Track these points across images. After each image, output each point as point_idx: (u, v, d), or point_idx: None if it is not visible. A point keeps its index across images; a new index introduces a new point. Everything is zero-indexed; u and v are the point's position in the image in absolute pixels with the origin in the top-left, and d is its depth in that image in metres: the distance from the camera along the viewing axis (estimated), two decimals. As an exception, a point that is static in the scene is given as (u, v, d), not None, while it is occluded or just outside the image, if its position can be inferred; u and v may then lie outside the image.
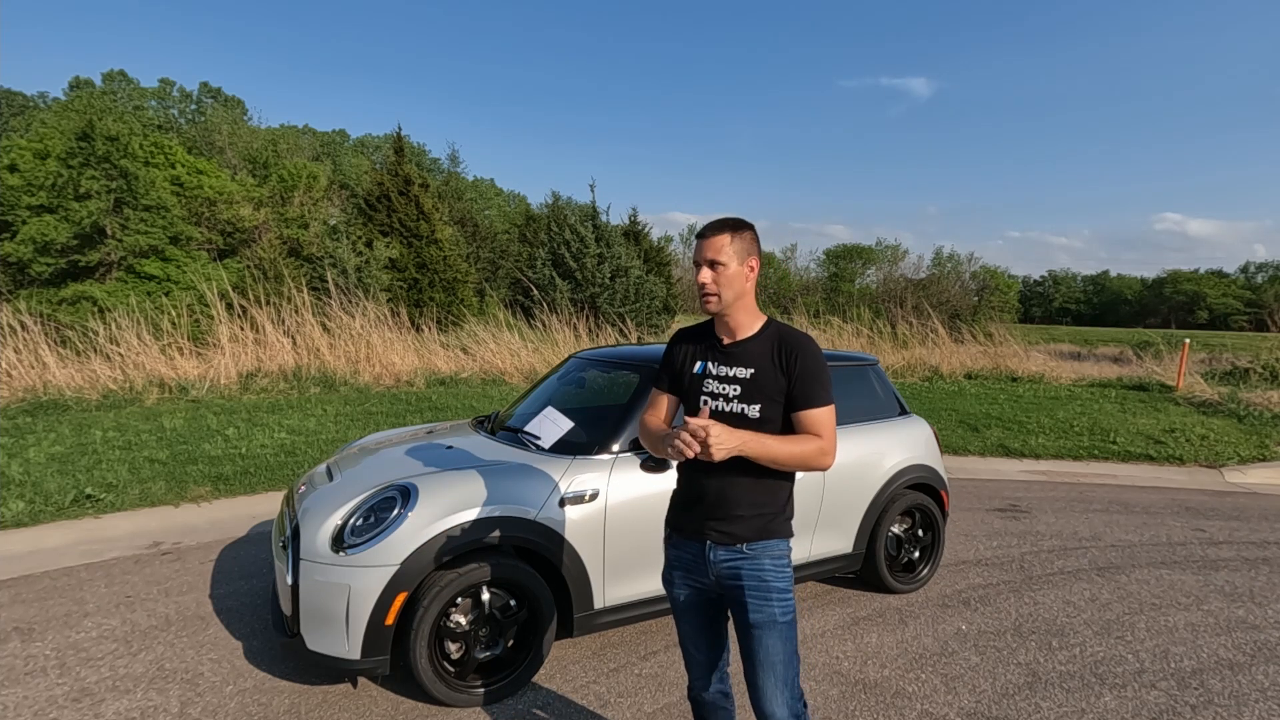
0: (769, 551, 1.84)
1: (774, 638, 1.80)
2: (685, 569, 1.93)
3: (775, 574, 1.83)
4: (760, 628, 1.80)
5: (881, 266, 50.69)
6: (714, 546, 1.85)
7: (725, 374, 1.85)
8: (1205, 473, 7.21)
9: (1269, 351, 13.55)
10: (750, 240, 1.85)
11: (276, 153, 32.68)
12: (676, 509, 1.97)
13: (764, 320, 1.91)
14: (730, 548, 1.83)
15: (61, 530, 4.51)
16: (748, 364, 1.83)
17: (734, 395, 1.82)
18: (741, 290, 1.85)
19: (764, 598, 1.80)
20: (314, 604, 2.58)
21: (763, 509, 1.84)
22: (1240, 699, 2.92)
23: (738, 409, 1.81)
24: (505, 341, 12.26)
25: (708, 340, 1.93)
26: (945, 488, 4.12)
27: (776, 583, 1.82)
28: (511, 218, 37.40)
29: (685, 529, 1.91)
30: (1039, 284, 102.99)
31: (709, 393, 1.86)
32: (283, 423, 7.35)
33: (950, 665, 3.14)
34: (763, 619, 1.79)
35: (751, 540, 1.83)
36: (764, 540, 1.84)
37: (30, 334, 8.73)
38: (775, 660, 1.80)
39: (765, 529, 1.84)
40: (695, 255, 1.87)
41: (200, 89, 44.67)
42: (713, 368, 1.88)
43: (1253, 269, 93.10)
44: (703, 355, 1.92)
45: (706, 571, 1.87)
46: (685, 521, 1.91)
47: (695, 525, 1.88)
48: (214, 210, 23.89)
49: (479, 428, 3.74)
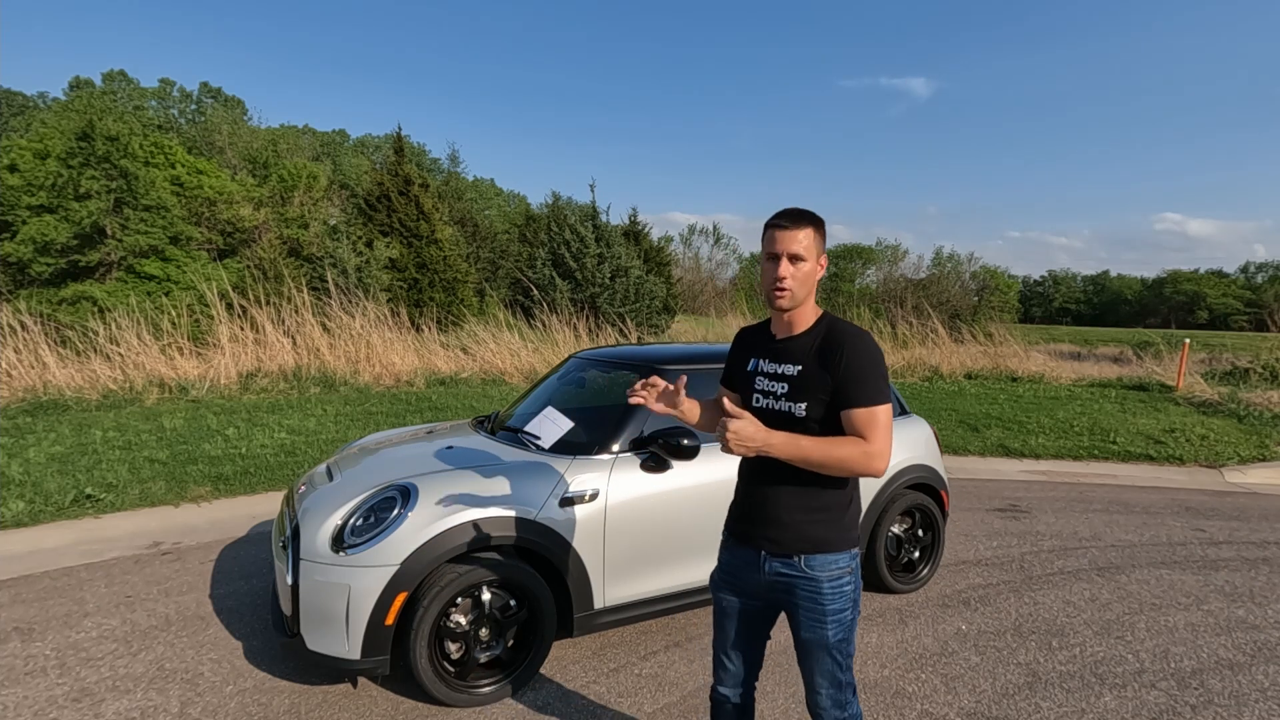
0: (826, 569, 1.74)
1: (823, 655, 1.78)
2: (735, 575, 1.88)
3: (831, 596, 1.74)
4: (809, 644, 1.79)
5: (881, 266, 50.65)
6: (769, 557, 1.79)
7: (774, 371, 1.80)
8: (1205, 473, 7.21)
9: (1269, 351, 13.55)
10: (824, 234, 1.78)
11: (276, 153, 32.69)
12: (732, 513, 1.93)
13: (818, 315, 1.82)
14: (785, 559, 1.76)
15: (61, 530, 4.51)
16: (796, 360, 1.76)
17: (782, 393, 1.76)
18: (812, 288, 1.78)
19: (817, 620, 1.75)
20: (314, 604, 2.58)
21: (814, 516, 1.75)
22: (1240, 699, 2.92)
23: (785, 407, 1.75)
24: (505, 341, 12.26)
25: (762, 336, 1.89)
26: (945, 488, 4.12)
27: (831, 605, 1.74)
28: (511, 218, 37.41)
29: (740, 535, 1.87)
30: (1039, 284, 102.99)
31: (760, 390, 1.81)
32: (283, 423, 7.35)
33: (950, 665, 3.14)
34: (814, 639, 1.77)
35: (808, 553, 1.75)
36: (821, 554, 1.75)
37: (30, 334, 8.73)
38: (826, 668, 1.80)
39: (820, 540, 1.75)
40: (770, 247, 1.73)
41: (200, 89, 44.69)
42: (763, 365, 1.83)
43: (1253, 269, 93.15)
44: (755, 351, 1.88)
45: (758, 580, 1.82)
46: (740, 527, 1.87)
47: (749, 532, 1.83)
48: (214, 210, 23.89)
49: (479, 428, 3.74)
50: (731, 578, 1.89)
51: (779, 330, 1.83)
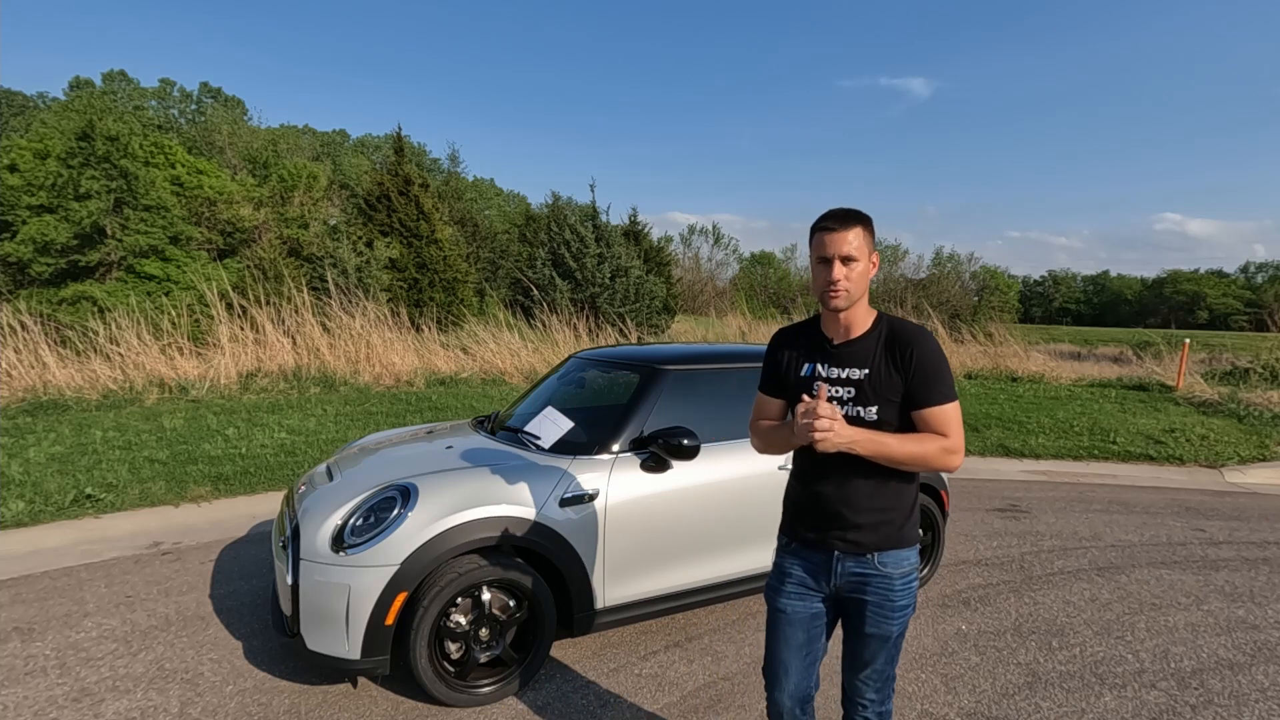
0: (899, 566, 1.78)
1: (884, 649, 1.80)
2: (801, 580, 1.84)
3: (902, 591, 1.78)
4: (874, 639, 1.79)
5: (881, 266, 50.73)
6: (842, 558, 1.78)
7: (837, 376, 1.75)
8: (1205, 473, 7.21)
9: (1269, 351, 13.53)
10: (873, 231, 1.74)
11: (276, 153, 32.69)
12: (795, 517, 1.89)
13: (875, 315, 1.80)
14: (859, 558, 1.77)
15: (61, 530, 4.51)
16: (861, 364, 1.73)
17: (848, 398, 1.73)
18: (865, 288, 1.75)
19: (886, 616, 1.77)
20: (314, 604, 2.58)
21: (887, 514, 1.76)
22: (1240, 699, 2.92)
23: (853, 412, 1.72)
24: (505, 341, 12.25)
25: (814, 340, 1.83)
26: (945, 488, 4.12)
27: (901, 600, 1.78)
28: (511, 218, 37.39)
29: (807, 538, 1.83)
30: (1039, 284, 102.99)
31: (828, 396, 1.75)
32: (283, 423, 7.35)
33: (950, 665, 3.14)
34: (878, 633, 1.78)
35: (881, 549, 1.76)
36: (893, 550, 1.77)
37: (30, 334, 8.73)
38: (878, 665, 1.82)
39: (893, 536, 1.77)
40: (821, 251, 1.70)
41: (200, 89, 44.69)
42: (822, 370, 1.78)
43: (1253, 269, 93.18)
44: (810, 357, 1.82)
45: (828, 582, 1.81)
46: (807, 530, 1.83)
47: (819, 534, 1.80)
48: (214, 210, 23.90)
49: (479, 428, 3.74)
50: (796, 583, 1.85)
51: (835, 334, 1.79)
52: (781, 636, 1.87)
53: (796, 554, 1.87)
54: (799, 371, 1.83)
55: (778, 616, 1.87)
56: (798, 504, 1.87)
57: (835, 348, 1.78)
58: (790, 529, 1.90)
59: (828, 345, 1.80)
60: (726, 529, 3.26)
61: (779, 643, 1.87)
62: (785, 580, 1.88)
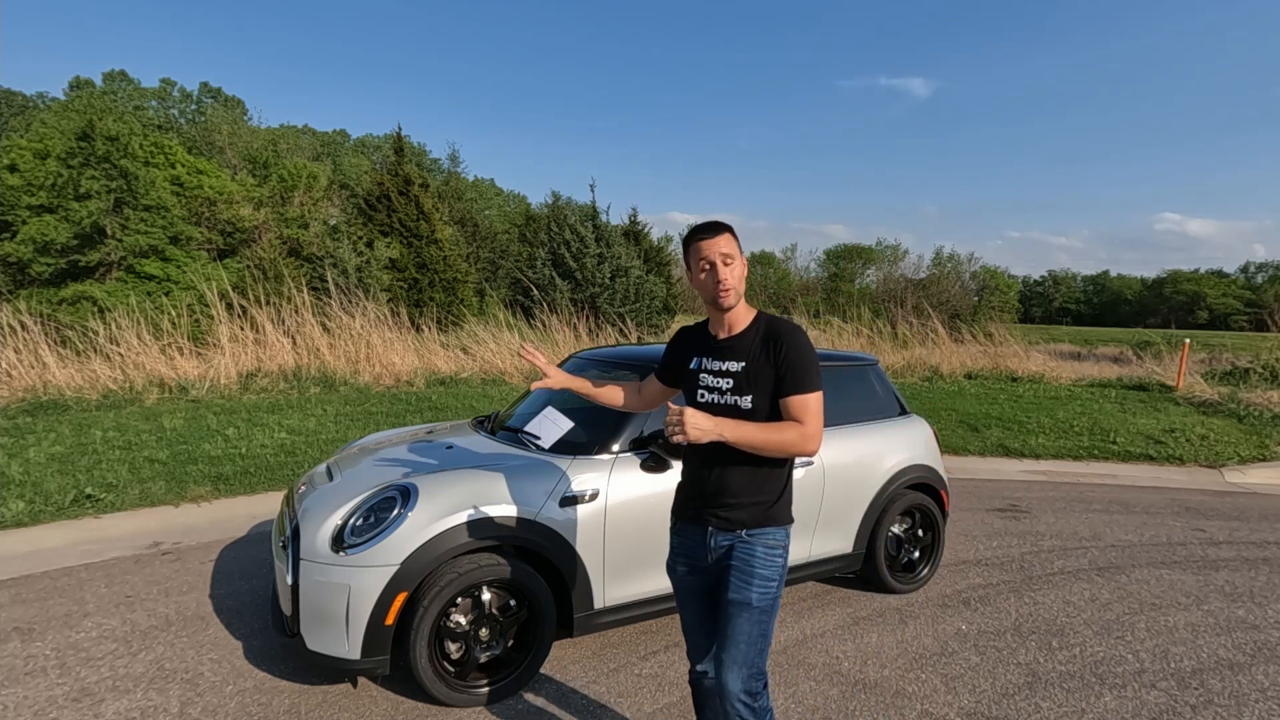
0: (764, 539, 1.93)
1: (743, 619, 1.86)
2: (688, 555, 2.03)
3: (764, 561, 1.90)
4: (733, 606, 1.86)
5: (881, 266, 50.72)
6: (715, 532, 1.95)
7: (718, 368, 1.95)
8: (1205, 473, 7.21)
9: (1269, 351, 13.54)
10: (738, 240, 1.96)
11: (276, 153, 32.67)
12: (681, 498, 2.08)
13: (754, 314, 1.99)
14: (730, 533, 1.94)
15: (61, 530, 4.51)
16: (739, 358, 1.92)
17: (727, 388, 1.92)
18: (743, 286, 1.95)
19: (745, 580, 1.88)
20: (314, 604, 2.58)
21: (758, 497, 1.93)
22: (1240, 699, 2.92)
23: (730, 401, 1.91)
24: (505, 341, 12.25)
25: (702, 337, 2.05)
26: (945, 488, 4.12)
27: (761, 569, 1.89)
28: (511, 218, 37.39)
29: (689, 516, 2.02)
30: (1039, 284, 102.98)
31: (704, 386, 1.97)
32: (283, 423, 7.35)
33: (950, 665, 3.14)
34: (738, 599, 1.86)
35: (750, 527, 1.92)
36: (762, 527, 1.93)
37: (30, 334, 8.73)
38: (739, 639, 1.85)
39: (764, 516, 1.93)
40: (701, 256, 1.91)
41: (200, 89, 44.66)
42: (707, 363, 1.99)
43: (1253, 269, 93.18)
44: (697, 351, 2.03)
45: (706, 556, 1.98)
46: (689, 509, 2.02)
47: (699, 512, 1.98)
48: (214, 210, 23.88)
49: (479, 428, 3.74)
50: (685, 557, 2.04)
51: (720, 330, 1.99)
52: (684, 605, 2.08)
53: (680, 532, 2.07)
54: (687, 365, 2.05)
55: (676, 590, 2.10)
56: (683, 486, 2.08)
57: (718, 343, 1.98)
58: (676, 509, 2.10)
59: (712, 341, 2.00)
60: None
61: (686, 611, 2.09)
62: (676, 558, 2.08)
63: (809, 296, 37.52)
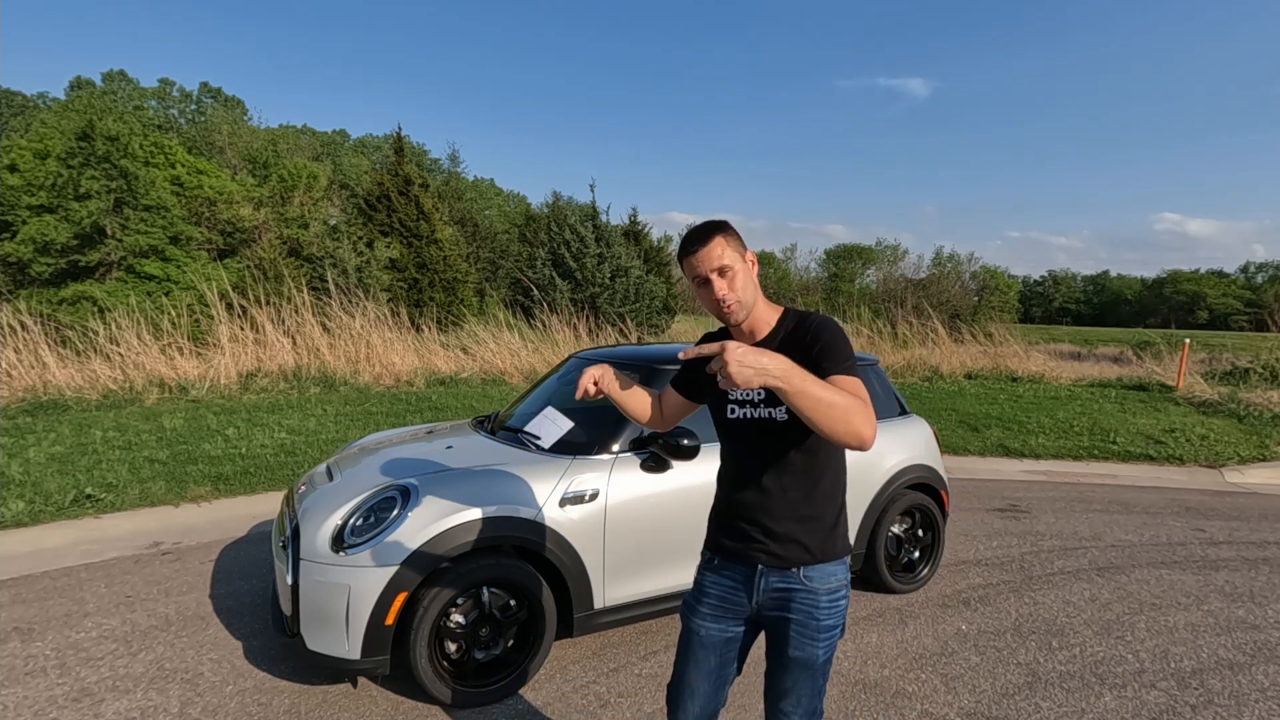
0: (827, 583, 1.66)
1: (809, 676, 1.66)
2: (720, 599, 1.72)
3: (829, 610, 1.65)
4: (799, 664, 1.65)
5: (881, 266, 50.73)
6: (765, 572, 1.66)
7: None
8: (1205, 473, 7.21)
9: (1269, 351, 13.53)
10: (736, 234, 1.68)
11: (276, 153, 32.65)
12: (717, 528, 1.78)
13: (780, 312, 1.73)
14: (783, 572, 1.65)
15: (61, 530, 4.51)
16: None
17: (759, 400, 1.67)
18: (754, 287, 1.68)
19: (811, 638, 1.64)
20: (314, 604, 2.58)
21: (812, 522, 1.65)
22: (1240, 699, 2.92)
23: (765, 414, 1.66)
24: (505, 341, 12.25)
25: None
26: (945, 488, 4.12)
27: (827, 620, 1.65)
28: (511, 218, 37.38)
29: (728, 550, 1.71)
30: (1039, 284, 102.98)
31: (734, 401, 1.70)
32: (283, 423, 7.35)
33: (950, 665, 3.14)
34: (803, 658, 1.64)
35: (808, 564, 1.65)
36: (822, 564, 1.66)
37: (30, 334, 8.72)
38: (803, 693, 1.67)
39: (819, 549, 1.65)
40: (694, 272, 1.63)
41: (200, 89, 44.65)
42: None
43: (1253, 269, 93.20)
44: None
45: (749, 600, 1.69)
46: (728, 542, 1.72)
47: (740, 545, 1.69)
48: (214, 210, 23.87)
49: (479, 428, 3.74)
50: (717, 601, 1.73)
51: (742, 338, 1.72)
52: (693, 658, 1.74)
53: (718, 569, 1.75)
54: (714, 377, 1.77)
55: (691, 638, 1.75)
56: (720, 513, 1.78)
57: None
58: (713, 541, 1.78)
59: None
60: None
61: (689, 665, 1.74)
62: (703, 599, 1.75)
63: (809, 296, 37.53)
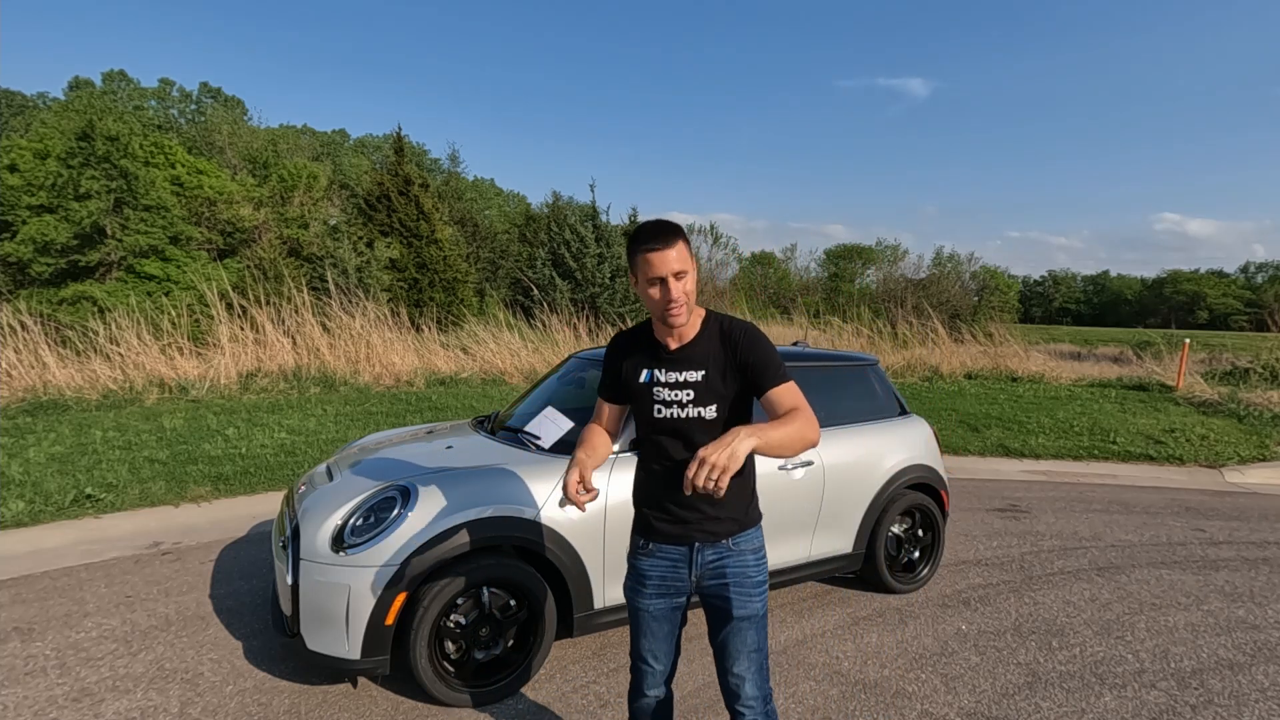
0: (750, 544, 1.87)
1: (754, 629, 1.85)
2: (661, 578, 1.88)
3: (756, 568, 1.87)
4: (744, 620, 1.84)
5: (881, 266, 50.69)
6: (701, 548, 1.84)
7: (675, 380, 1.81)
8: (1205, 473, 7.21)
9: (1269, 351, 13.53)
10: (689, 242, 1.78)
11: (276, 153, 32.65)
12: (651, 516, 1.88)
13: (702, 316, 1.86)
14: (716, 545, 1.84)
15: (61, 530, 4.51)
16: (697, 367, 1.80)
17: (687, 400, 1.79)
18: (694, 295, 1.80)
19: (748, 594, 1.84)
20: (314, 604, 2.58)
21: (738, 498, 1.85)
22: (1240, 699, 2.92)
23: (694, 413, 1.79)
24: (505, 341, 12.25)
25: (649, 348, 1.87)
26: (945, 488, 4.12)
27: (757, 576, 1.87)
28: (511, 218, 37.35)
29: (666, 534, 1.86)
30: (1039, 284, 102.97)
31: (660, 401, 1.81)
32: (283, 423, 7.35)
33: (950, 665, 3.14)
34: (747, 613, 1.84)
35: (735, 534, 1.85)
36: (745, 532, 1.87)
37: (30, 334, 8.72)
38: (752, 650, 1.85)
39: (745, 518, 1.87)
40: (651, 271, 1.70)
41: (200, 89, 44.63)
42: (660, 375, 1.83)
43: (1253, 269, 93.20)
44: (646, 364, 1.86)
45: (688, 575, 1.86)
46: (666, 527, 1.86)
47: (678, 529, 1.84)
48: (214, 210, 23.87)
49: (479, 428, 3.74)
50: (657, 581, 1.88)
51: (670, 340, 1.83)
52: (648, 632, 1.92)
53: (654, 553, 1.89)
54: (638, 379, 1.86)
55: (642, 615, 1.91)
56: (653, 502, 1.88)
57: (671, 354, 1.83)
58: (646, 530, 1.90)
59: (663, 352, 1.84)
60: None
61: (646, 638, 1.92)
62: (646, 582, 1.90)
63: (809, 296, 37.47)
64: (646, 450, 1.90)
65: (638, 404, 1.88)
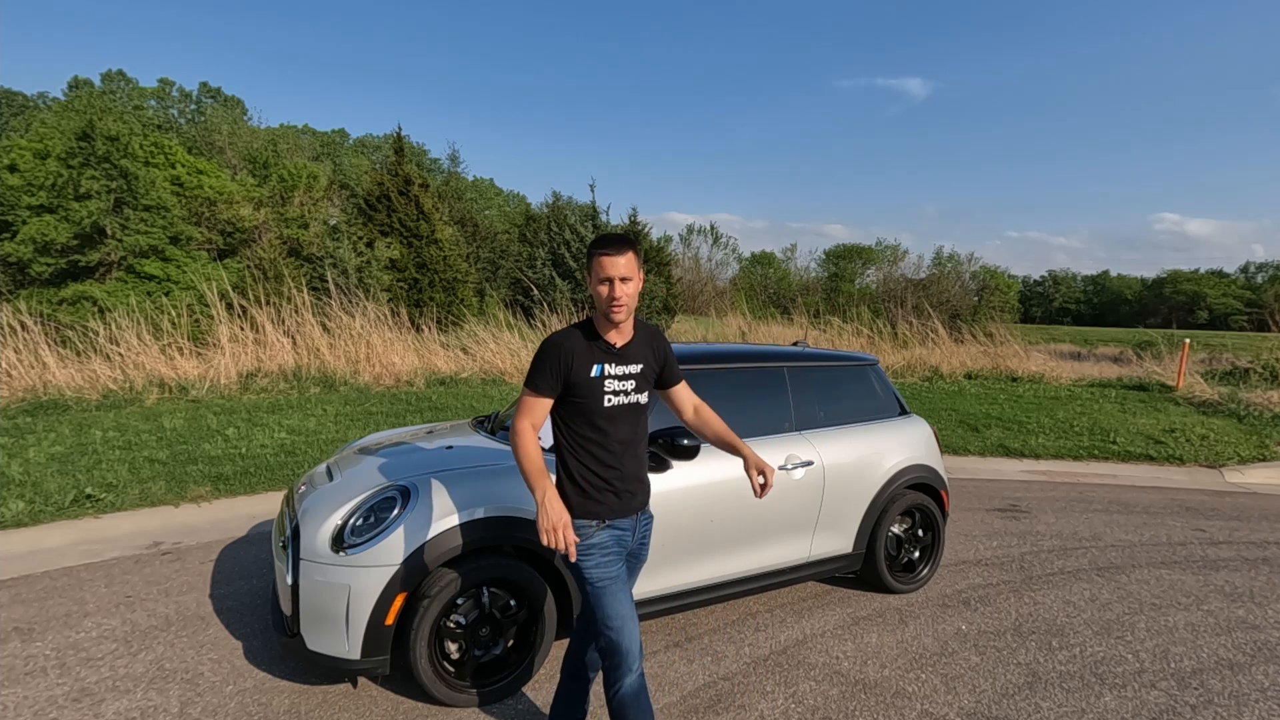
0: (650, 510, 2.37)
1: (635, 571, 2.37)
2: (618, 548, 2.17)
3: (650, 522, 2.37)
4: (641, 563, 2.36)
5: (881, 266, 50.73)
6: (640, 516, 2.26)
7: (623, 372, 2.15)
8: (1205, 473, 7.21)
9: (1269, 351, 13.54)
10: (640, 254, 2.12)
11: (276, 153, 32.67)
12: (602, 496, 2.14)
13: (633, 322, 2.22)
14: (644, 512, 2.29)
15: (61, 530, 4.51)
16: (636, 361, 2.18)
17: (630, 389, 2.17)
18: (636, 301, 2.12)
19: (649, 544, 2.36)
20: (314, 604, 2.58)
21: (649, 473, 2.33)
22: (1240, 699, 2.92)
23: (634, 399, 2.18)
24: (505, 341, 12.26)
25: (595, 345, 2.14)
26: (945, 488, 4.12)
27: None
28: (511, 218, 37.34)
29: (617, 509, 2.16)
30: (1039, 284, 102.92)
31: (611, 391, 2.13)
32: (283, 423, 7.35)
33: (950, 665, 3.14)
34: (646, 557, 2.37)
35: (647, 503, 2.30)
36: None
37: (30, 334, 8.72)
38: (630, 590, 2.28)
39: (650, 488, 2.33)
40: (602, 272, 2.03)
41: (200, 89, 44.66)
42: (610, 368, 2.13)
43: (1253, 269, 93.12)
44: (596, 359, 2.13)
45: (632, 539, 2.23)
46: (617, 502, 2.16)
47: (626, 503, 2.18)
48: (214, 210, 23.88)
49: (479, 428, 3.74)
50: (615, 552, 2.16)
51: (615, 338, 2.15)
52: (624, 596, 2.15)
53: (613, 526, 2.17)
54: (589, 373, 2.11)
55: (614, 583, 2.13)
56: (601, 485, 2.14)
57: (619, 350, 2.16)
58: (595, 511, 2.14)
59: (612, 349, 2.15)
60: (726, 529, 3.26)
61: (624, 601, 2.14)
62: (608, 554, 2.14)
63: (809, 296, 37.45)
64: (587, 438, 2.13)
65: (585, 396, 2.11)
